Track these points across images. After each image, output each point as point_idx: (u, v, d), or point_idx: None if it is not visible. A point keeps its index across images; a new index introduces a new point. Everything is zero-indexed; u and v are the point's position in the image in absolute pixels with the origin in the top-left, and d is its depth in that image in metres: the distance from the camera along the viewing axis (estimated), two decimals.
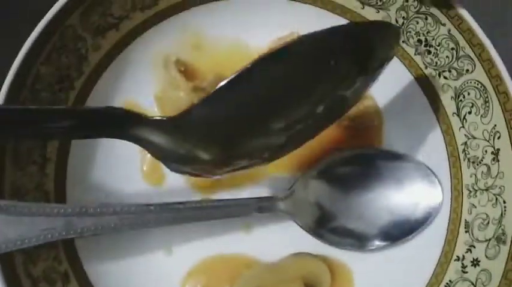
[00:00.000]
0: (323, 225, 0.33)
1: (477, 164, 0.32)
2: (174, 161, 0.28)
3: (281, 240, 0.33)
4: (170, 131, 0.26)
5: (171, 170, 0.28)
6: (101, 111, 0.27)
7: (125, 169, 0.33)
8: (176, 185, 0.34)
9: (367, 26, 0.28)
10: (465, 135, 0.32)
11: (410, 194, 0.33)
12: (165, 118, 0.26)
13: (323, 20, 0.34)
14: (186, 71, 0.34)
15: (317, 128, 0.29)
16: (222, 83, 0.24)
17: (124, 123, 0.27)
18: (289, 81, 0.25)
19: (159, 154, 0.28)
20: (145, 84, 0.34)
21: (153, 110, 0.34)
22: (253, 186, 0.34)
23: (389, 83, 0.34)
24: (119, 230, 0.30)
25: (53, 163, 0.32)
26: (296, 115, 0.27)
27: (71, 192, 0.32)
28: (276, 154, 0.29)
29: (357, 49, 0.26)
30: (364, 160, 0.34)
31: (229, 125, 0.26)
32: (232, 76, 0.24)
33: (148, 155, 0.29)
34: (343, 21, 0.34)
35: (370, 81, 0.28)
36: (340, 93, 0.27)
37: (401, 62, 0.34)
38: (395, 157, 0.34)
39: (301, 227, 0.33)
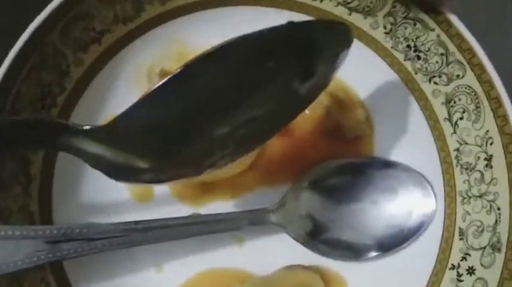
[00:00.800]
0: (316, 236, 0.33)
1: (470, 171, 0.31)
2: (113, 170, 0.26)
3: (274, 252, 0.33)
4: (103, 140, 0.25)
5: (114, 179, 0.27)
6: (27, 122, 0.25)
7: (112, 186, 0.32)
8: (164, 199, 0.33)
9: (307, 25, 0.26)
10: (457, 141, 0.32)
11: (404, 202, 0.33)
12: (95, 126, 0.25)
13: None
14: None
15: (270, 130, 0.27)
16: (153, 87, 0.23)
17: (53, 134, 0.25)
18: (225, 84, 0.24)
19: (96, 163, 0.26)
20: (130, 97, 0.33)
21: None
22: (244, 198, 0.34)
23: (379, 89, 0.34)
24: (107, 250, 0.29)
25: (38, 182, 0.31)
26: (237, 119, 0.25)
27: (56, 211, 0.32)
28: (224, 160, 0.27)
29: (298, 50, 0.24)
30: (355, 168, 0.33)
31: (163, 131, 0.24)
32: (164, 80, 0.23)
33: None
34: None
35: (327, 76, 0.27)
36: (287, 93, 0.26)
37: (391, 67, 0.33)
38: (386, 164, 0.33)
39: (293, 238, 0.33)
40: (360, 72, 0.34)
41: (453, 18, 0.30)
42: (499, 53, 0.30)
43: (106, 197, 0.33)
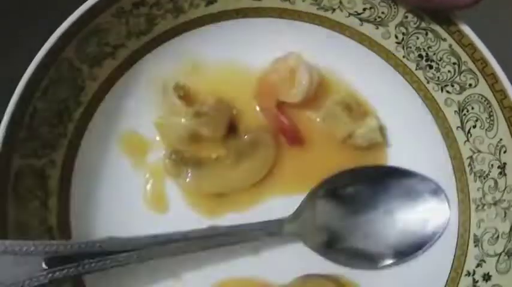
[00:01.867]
0: (331, 245, 0.33)
1: (484, 178, 0.32)
2: None
3: (290, 261, 0.33)
4: None
5: None
6: None
7: (128, 199, 0.33)
8: (181, 212, 0.33)
9: None
10: (470, 149, 0.32)
11: (418, 210, 0.33)
12: None
13: (322, 38, 0.34)
14: (186, 96, 0.34)
15: None
16: None
17: None
18: None
19: None
20: (145, 111, 0.34)
21: (154, 138, 0.34)
22: (260, 208, 0.34)
23: (391, 99, 0.34)
24: (126, 264, 0.29)
25: (55, 196, 0.32)
26: None
27: (75, 225, 0.32)
28: None
29: None
30: (370, 177, 0.34)
31: None
32: None
33: (150, 184, 0.32)
34: (341, 38, 0.34)
35: None
36: None
37: (403, 77, 0.33)
38: (402, 173, 0.33)
39: (310, 248, 0.33)
40: (372, 81, 0.34)
41: (465, 28, 0.30)
42: (499, 52, 0.30)
43: (123, 211, 0.33)
